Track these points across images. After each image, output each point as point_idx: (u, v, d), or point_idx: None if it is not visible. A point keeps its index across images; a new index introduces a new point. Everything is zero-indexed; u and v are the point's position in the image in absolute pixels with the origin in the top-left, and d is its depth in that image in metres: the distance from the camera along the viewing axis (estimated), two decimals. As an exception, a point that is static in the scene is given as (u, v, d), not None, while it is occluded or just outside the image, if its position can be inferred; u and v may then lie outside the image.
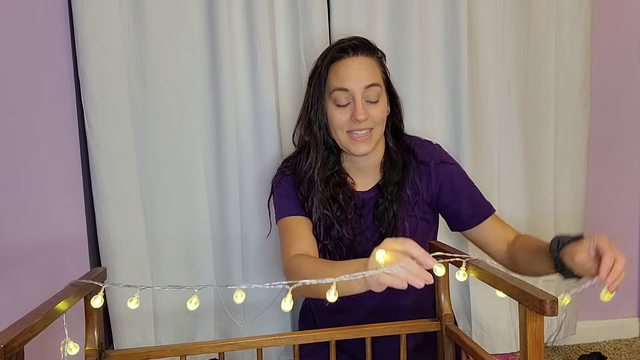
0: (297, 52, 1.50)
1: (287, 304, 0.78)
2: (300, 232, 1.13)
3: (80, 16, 1.39)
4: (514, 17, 1.58)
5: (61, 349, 0.81)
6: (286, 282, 0.81)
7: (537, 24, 1.61)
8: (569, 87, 1.65)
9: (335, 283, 0.85)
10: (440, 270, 0.81)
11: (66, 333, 0.80)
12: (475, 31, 1.55)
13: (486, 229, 1.19)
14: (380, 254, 0.76)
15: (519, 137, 1.62)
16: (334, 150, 1.20)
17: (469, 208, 1.20)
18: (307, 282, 0.79)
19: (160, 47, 1.44)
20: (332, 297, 0.77)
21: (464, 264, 0.89)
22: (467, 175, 1.23)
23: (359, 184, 1.20)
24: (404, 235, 1.12)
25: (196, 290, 0.83)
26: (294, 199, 1.18)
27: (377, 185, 1.20)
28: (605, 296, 0.86)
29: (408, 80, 1.52)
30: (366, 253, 0.91)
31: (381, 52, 1.20)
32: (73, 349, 0.81)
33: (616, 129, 1.86)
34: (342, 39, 1.16)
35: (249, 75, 1.47)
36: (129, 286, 0.84)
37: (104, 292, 0.91)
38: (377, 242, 0.96)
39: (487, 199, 1.22)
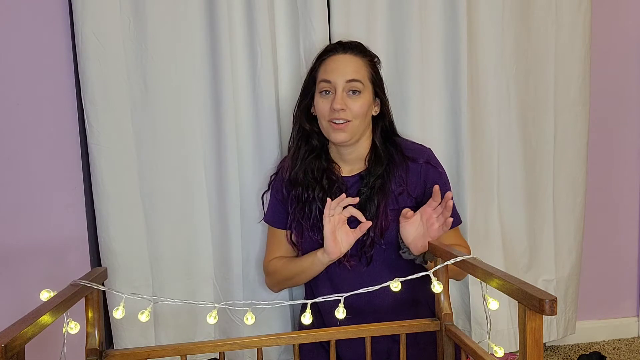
0: (297, 52, 1.51)
1: (306, 319, 0.90)
2: (282, 242, 1.33)
3: (80, 16, 1.39)
4: (514, 17, 1.58)
5: (64, 330, 0.82)
6: (298, 302, 0.94)
7: (537, 24, 1.61)
8: (569, 86, 1.65)
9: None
10: (438, 287, 0.88)
11: (66, 318, 0.81)
12: (475, 32, 1.55)
13: (445, 239, 1.25)
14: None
15: (518, 137, 1.62)
16: (313, 137, 1.30)
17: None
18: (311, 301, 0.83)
19: (161, 47, 1.44)
20: (341, 314, 0.88)
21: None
22: (449, 184, 1.33)
23: (343, 170, 1.30)
24: (385, 225, 1.22)
25: (216, 305, 0.89)
26: (279, 206, 1.33)
27: (360, 174, 1.28)
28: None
29: (408, 81, 1.52)
30: None
31: (376, 57, 1.30)
32: (74, 327, 0.83)
33: (615, 128, 1.86)
34: (340, 40, 1.29)
35: (249, 75, 1.47)
36: (144, 298, 0.85)
37: (104, 292, 0.91)
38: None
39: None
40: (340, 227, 1.17)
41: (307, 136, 1.30)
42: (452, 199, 1.14)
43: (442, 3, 1.53)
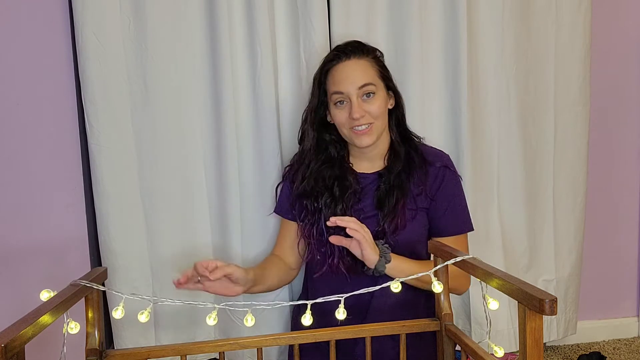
0: (297, 52, 1.50)
1: (306, 320, 0.90)
2: (284, 232, 1.36)
3: (80, 16, 1.39)
4: (514, 17, 1.58)
5: (64, 330, 0.82)
6: (298, 302, 0.94)
7: (537, 24, 1.61)
8: (569, 87, 1.65)
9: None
10: (438, 287, 0.88)
11: (66, 318, 0.81)
12: (475, 32, 1.55)
13: (450, 243, 1.25)
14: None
15: (518, 137, 1.62)
16: (329, 147, 1.30)
17: (449, 218, 1.28)
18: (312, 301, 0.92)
19: (161, 47, 1.44)
20: (341, 315, 0.89)
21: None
22: (463, 190, 1.33)
23: (362, 167, 1.30)
24: (402, 224, 1.22)
25: (216, 306, 0.89)
26: (288, 197, 1.33)
27: (379, 172, 1.28)
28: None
29: (408, 81, 1.52)
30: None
31: (378, 51, 1.29)
32: (74, 327, 0.83)
33: (615, 129, 1.86)
34: (338, 45, 1.28)
35: (249, 75, 1.47)
36: (144, 298, 0.85)
37: (104, 292, 0.91)
38: (374, 225, 1.20)
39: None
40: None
41: (325, 147, 1.30)
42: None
43: (442, 3, 1.53)
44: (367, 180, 1.28)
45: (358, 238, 1.12)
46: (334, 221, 1.12)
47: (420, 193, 1.25)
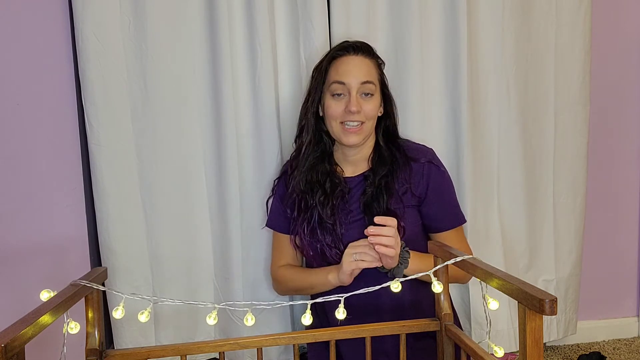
0: (297, 52, 1.51)
1: (306, 320, 0.90)
2: (285, 247, 1.35)
3: (80, 16, 1.39)
4: (514, 17, 1.58)
5: (64, 330, 0.82)
6: (298, 302, 0.93)
7: (537, 24, 1.61)
8: (569, 87, 1.65)
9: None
10: (438, 287, 0.88)
11: (66, 318, 0.82)
12: (475, 32, 1.55)
13: (446, 238, 1.28)
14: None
15: (518, 137, 1.63)
16: (324, 139, 1.30)
17: (445, 213, 1.30)
18: (312, 301, 0.92)
19: (161, 47, 1.44)
20: (341, 315, 0.88)
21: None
22: (452, 183, 1.34)
23: (346, 171, 1.31)
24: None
25: (216, 306, 0.89)
26: (282, 211, 1.33)
27: (364, 174, 1.29)
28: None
29: (408, 81, 1.53)
30: (350, 238, 1.18)
31: (381, 59, 1.31)
32: (74, 327, 0.83)
33: (615, 129, 1.86)
34: (347, 40, 1.28)
35: (249, 75, 1.47)
36: (144, 298, 0.85)
37: (104, 292, 0.91)
38: (361, 229, 1.17)
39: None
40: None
41: (319, 139, 1.30)
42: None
43: (442, 3, 1.53)
44: (353, 183, 1.29)
45: (382, 252, 1.09)
46: (372, 231, 1.09)
47: (405, 191, 1.26)
